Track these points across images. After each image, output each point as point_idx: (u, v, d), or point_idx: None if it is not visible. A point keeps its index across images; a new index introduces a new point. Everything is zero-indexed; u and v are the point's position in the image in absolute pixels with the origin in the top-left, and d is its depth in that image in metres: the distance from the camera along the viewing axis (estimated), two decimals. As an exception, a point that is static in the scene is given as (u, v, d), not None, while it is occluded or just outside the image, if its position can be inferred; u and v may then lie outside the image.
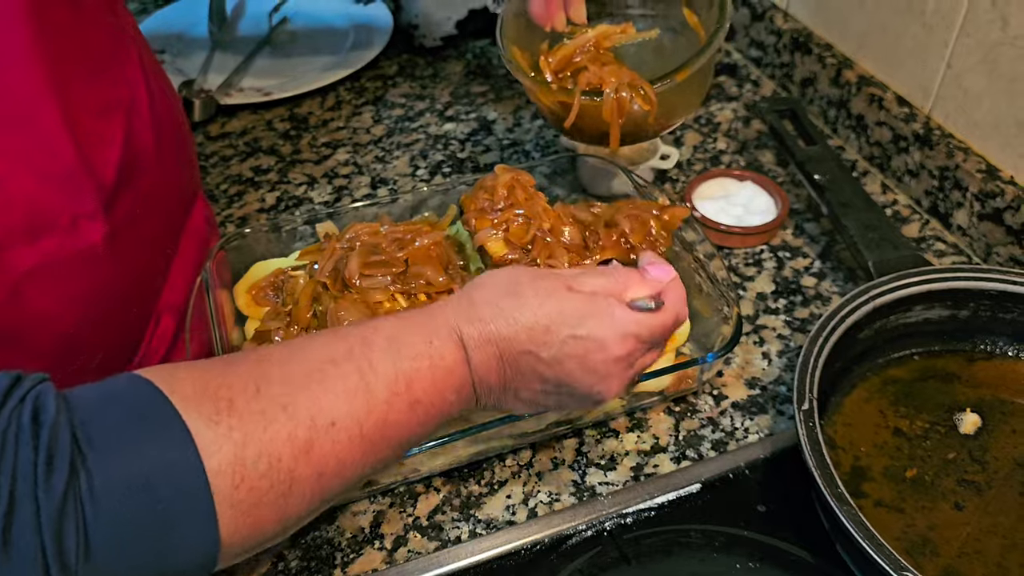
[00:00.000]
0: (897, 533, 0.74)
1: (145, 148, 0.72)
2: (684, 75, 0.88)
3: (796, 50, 1.26)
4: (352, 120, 1.29)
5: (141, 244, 0.76)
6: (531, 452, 0.84)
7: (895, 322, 0.87)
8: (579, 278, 0.65)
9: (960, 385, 0.86)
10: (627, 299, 0.65)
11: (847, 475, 0.78)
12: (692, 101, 0.97)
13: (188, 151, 0.86)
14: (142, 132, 0.72)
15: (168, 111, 0.79)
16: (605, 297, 0.64)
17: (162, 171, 0.76)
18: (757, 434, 0.85)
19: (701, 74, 0.92)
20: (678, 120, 0.98)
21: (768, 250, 1.05)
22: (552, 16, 0.94)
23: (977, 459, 0.80)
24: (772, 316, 0.97)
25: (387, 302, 0.82)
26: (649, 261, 0.70)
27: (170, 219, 0.83)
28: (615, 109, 0.89)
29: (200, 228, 0.90)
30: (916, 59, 1.09)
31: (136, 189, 0.72)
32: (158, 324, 0.84)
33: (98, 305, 0.72)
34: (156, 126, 0.74)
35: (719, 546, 0.76)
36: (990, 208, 1.00)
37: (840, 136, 1.22)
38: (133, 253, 0.75)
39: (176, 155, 0.79)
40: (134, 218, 0.73)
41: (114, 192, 0.70)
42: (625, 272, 0.67)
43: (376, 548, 0.77)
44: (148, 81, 0.75)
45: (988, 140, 1.02)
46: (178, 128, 0.82)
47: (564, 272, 0.66)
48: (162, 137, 0.75)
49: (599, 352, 0.62)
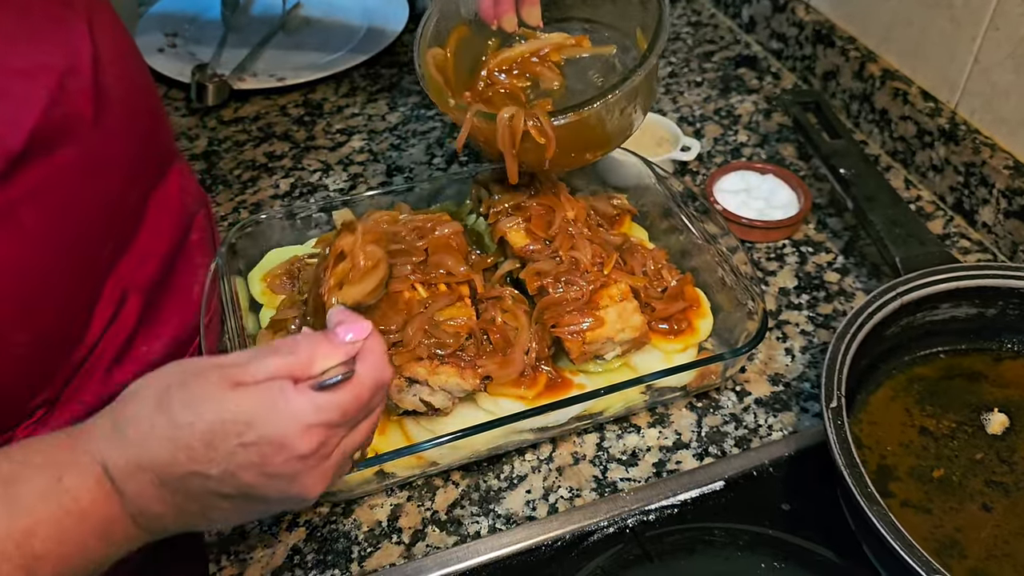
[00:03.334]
0: (924, 534, 0.73)
1: (79, 117, 0.68)
2: (586, 113, 0.79)
3: (818, 42, 1.24)
4: (367, 107, 1.27)
5: (67, 216, 0.69)
6: (551, 446, 0.83)
7: (922, 319, 0.86)
8: (250, 366, 0.54)
9: (987, 384, 0.85)
10: (315, 373, 0.54)
11: (873, 474, 0.77)
12: (612, 135, 0.87)
13: (150, 121, 0.80)
14: (78, 99, 0.67)
15: (123, 79, 0.74)
16: (279, 385, 0.53)
17: (103, 141, 0.71)
18: (781, 431, 0.84)
19: (618, 108, 0.82)
20: (600, 153, 0.89)
21: (790, 244, 1.04)
22: (501, 15, 0.87)
23: (1005, 460, 0.78)
24: (795, 312, 0.96)
25: (407, 291, 0.80)
26: (338, 320, 0.57)
27: (117, 190, 0.76)
28: (507, 137, 0.80)
29: (172, 199, 0.84)
30: (943, 53, 1.07)
31: (60, 158, 0.67)
32: (121, 306, 0.77)
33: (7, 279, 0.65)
34: (100, 95, 0.70)
35: (743, 545, 0.75)
36: (1016, 205, 0.98)
37: (863, 130, 1.20)
38: (57, 225, 0.68)
39: (127, 125, 0.74)
40: (53, 186, 0.67)
41: (20, 158, 0.63)
42: (309, 342, 0.56)
43: (394, 542, 0.76)
44: (97, 46, 0.70)
45: (1016, 136, 1.00)
46: (136, 98, 0.77)
47: (228, 359, 0.55)
48: (106, 106, 0.71)
49: (278, 454, 0.52)
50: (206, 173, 1.15)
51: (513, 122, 0.79)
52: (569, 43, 0.89)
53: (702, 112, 1.25)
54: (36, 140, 0.64)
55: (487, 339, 0.80)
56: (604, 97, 0.79)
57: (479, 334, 0.80)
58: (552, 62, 0.88)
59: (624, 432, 0.84)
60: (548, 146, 0.79)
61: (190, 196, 0.88)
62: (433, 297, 0.80)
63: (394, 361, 0.75)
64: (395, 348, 0.76)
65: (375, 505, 0.78)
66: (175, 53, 1.36)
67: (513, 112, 0.79)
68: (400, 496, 0.79)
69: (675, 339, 0.85)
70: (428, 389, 0.76)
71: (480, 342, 0.80)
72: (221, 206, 1.10)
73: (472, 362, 0.77)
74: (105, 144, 0.71)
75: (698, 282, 0.90)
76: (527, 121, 0.78)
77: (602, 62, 0.90)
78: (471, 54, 0.89)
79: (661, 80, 1.31)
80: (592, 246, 0.84)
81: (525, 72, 0.88)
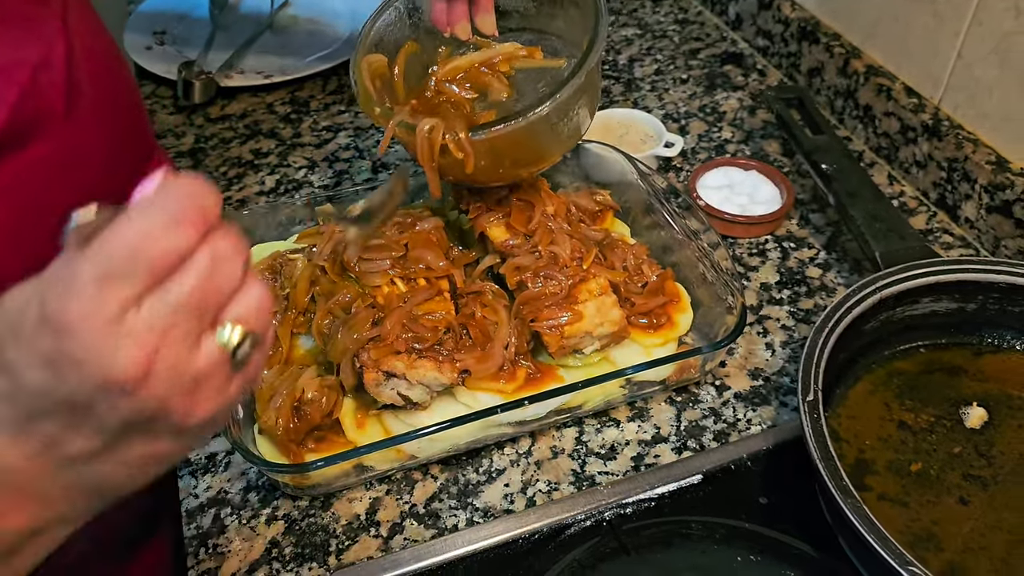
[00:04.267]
0: (900, 527, 0.73)
1: (50, 111, 0.68)
2: (509, 128, 0.77)
3: (803, 39, 1.25)
4: (354, 104, 1.27)
5: (40, 213, 0.66)
6: (530, 440, 0.83)
7: (901, 314, 0.86)
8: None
9: (966, 379, 0.85)
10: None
11: (851, 468, 0.77)
12: (548, 148, 0.86)
13: (128, 118, 0.81)
14: (49, 93, 0.67)
15: (98, 74, 0.74)
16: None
17: (77, 136, 0.70)
18: (760, 425, 0.84)
19: (548, 123, 0.80)
20: (536, 167, 0.88)
21: (773, 240, 1.04)
22: (454, 22, 0.85)
23: (983, 454, 0.79)
24: (776, 307, 0.96)
25: (386, 286, 0.80)
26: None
27: (93, 187, 0.73)
28: (426, 150, 0.79)
29: None
30: (926, 49, 1.07)
31: (32, 152, 0.66)
32: None
33: None
34: (73, 89, 0.69)
35: (720, 538, 0.75)
36: (999, 200, 0.98)
37: (847, 127, 1.20)
38: (30, 222, 0.66)
39: (103, 121, 0.75)
40: (25, 182, 0.66)
41: None
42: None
43: (372, 535, 0.76)
44: (71, 41, 0.70)
45: (998, 131, 1.01)
46: (114, 92, 0.78)
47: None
48: (80, 102, 0.71)
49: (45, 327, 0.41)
50: (192, 170, 1.15)
51: (432, 135, 0.77)
52: (520, 54, 0.87)
53: (687, 109, 1.25)
54: (8, 134, 0.64)
55: (466, 334, 0.80)
56: (527, 113, 0.77)
57: (458, 329, 0.80)
58: (502, 72, 0.86)
59: (603, 426, 0.84)
60: (467, 161, 0.77)
61: None
62: (412, 292, 0.80)
63: (372, 355, 0.75)
64: (373, 342, 0.76)
65: (354, 499, 0.78)
66: (163, 51, 1.36)
67: (432, 125, 0.77)
68: (379, 490, 0.79)
69: (654, 333, 0.85)
70: (406, 383, 0.76)
71: (459, 336, 0.80)
72: (206, 203, 1.10)
73: (450, 356, 0.78)
74: (79, 139, 0.71)
75: (679, 277, 0.91)
76: (445, 135, 0.77)
77: (553, 73, 0.87)
78: (421, 61, 0.88)
79: (647, 78, 1.31)
80: (572, 241, 0.85)
81: (474, 82, 0.86)
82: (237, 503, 0.78)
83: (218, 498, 0.79)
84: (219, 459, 0.82)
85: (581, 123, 0.86)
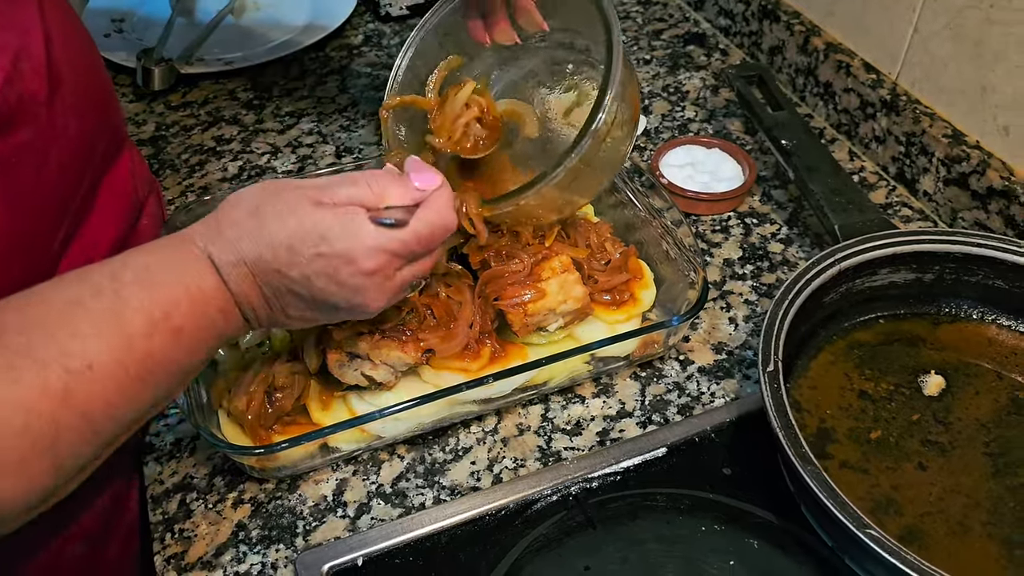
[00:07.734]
0: (861, 493, 0.74)
1: (33, 97, 0.67)
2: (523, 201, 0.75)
3: (764, 18, 1.25)
4: (317, 89, 1.27)
5: (22, 199, 0.69)
6: (496, 418, 0.83)
7: (860, 286, 0.87)
8: (328, 189, 0.62)
9: (925, 348, 0.86)
10: (384, 206, 0.63)
11: (812, 437, 0.78)
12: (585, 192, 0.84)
13: (102, 102, 0.80)
14: (31, 80, 0.67)
15: (74, 60, 0.74)
16: (354, 210, 0.62)
17: (57, 121, 0.71)
18: (723, 398, 0.85)
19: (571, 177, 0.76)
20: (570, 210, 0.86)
21: (735, 216, 1.05)
22: (493, 27, 0.83)
23: (941, 420, 0.80)
24: (739, 282, 0.97)
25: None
26: (414, 167, 0.66)
27: (72, 172, 0.76)
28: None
29: (123, 182, 0.84)
30: (883, 24, 1.08)
31: (15, 138, 0.67)
32: None
33: None
34: (53, 75, 0.69)
35: (684, 509, 0.76)
36: (956, 173, 1.00)
37: (808, 104, 1.21)
38: (12, 209, 0.68)
39: (80, 106, 0.74)
40: (9, 169, 0.67)
41: None
42: (383, 178, 0.64)
43: (339, 516, 0.76)
44: (48, 27, 0.70)
45: (954, 105, 1.02)
46: (88, 78, 0.77)
47: (312, 183, 0.63)
48: (60, 87, 0.71)
49: (347, 267, 0.61)
50: (153, 158, 1.14)
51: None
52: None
53: (650, 89, 1.25)
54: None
55: (431, 313, 0.80)
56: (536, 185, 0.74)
57: (422, 309, 0.80)
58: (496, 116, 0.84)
59: (569, 403, 0.85)
60: (479, 237, 0.77)
61: (140, 181, 0.88)
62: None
63: (335, 336, 0.75)
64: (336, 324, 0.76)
65: (320, 480, 0.79)
66: (122, 38, 1.34)
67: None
68: (346, 471, 0.79)
69: (618, 310, 0.85)
70: (370, 364, 0.76)
71: (423, 317, 0.80)
72: (169, 190, 1.09)
73: (414, 336, 0.78)
74: (59, 124, 0.71)
75: (642, 255, 0.91)
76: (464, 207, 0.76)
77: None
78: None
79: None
80: (529, 247, 0.84)
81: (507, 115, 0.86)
82: (203, 488, 0.78)
83: (183, 483, 0.79)
84: (184, 444, 0.82)
85: (621, 149, 0.82)
